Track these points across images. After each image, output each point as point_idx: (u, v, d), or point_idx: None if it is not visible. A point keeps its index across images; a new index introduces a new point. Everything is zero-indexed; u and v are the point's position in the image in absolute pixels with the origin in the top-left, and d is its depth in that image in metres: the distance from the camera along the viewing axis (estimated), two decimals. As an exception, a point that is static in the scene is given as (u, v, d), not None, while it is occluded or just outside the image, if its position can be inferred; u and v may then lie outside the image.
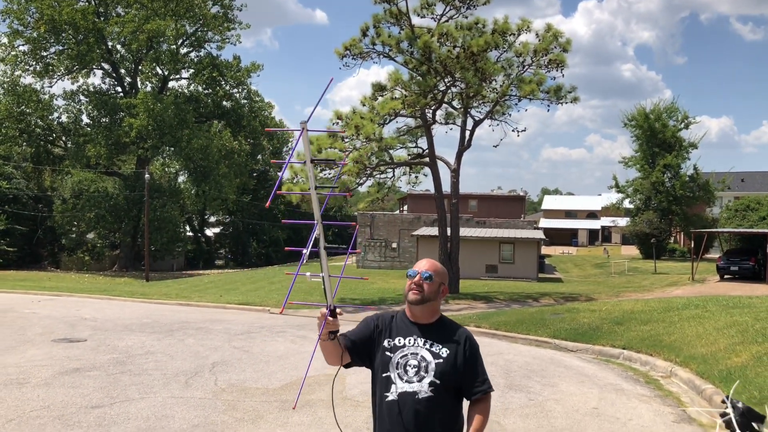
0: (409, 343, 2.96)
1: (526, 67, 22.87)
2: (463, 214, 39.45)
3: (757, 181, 60.77)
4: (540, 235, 38.08)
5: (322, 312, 2.83)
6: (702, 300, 16.62)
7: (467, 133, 24.06)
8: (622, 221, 56.50)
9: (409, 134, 24.41)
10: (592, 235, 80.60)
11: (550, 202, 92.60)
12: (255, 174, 64.57)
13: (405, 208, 61.04)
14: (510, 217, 50.99)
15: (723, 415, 2.42)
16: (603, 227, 78.84)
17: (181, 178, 57.96)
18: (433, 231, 34.88)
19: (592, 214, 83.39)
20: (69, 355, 10.65)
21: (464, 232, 32.71)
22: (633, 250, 54.20)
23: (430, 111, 23.58)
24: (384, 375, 2.93)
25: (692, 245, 36.56)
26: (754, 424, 2.36)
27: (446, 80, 22.59)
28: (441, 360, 2.92)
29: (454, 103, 24.29)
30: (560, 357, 11.93)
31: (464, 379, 2.95)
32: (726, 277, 29.63)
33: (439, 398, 2.86)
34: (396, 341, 2.99)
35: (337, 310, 2.80)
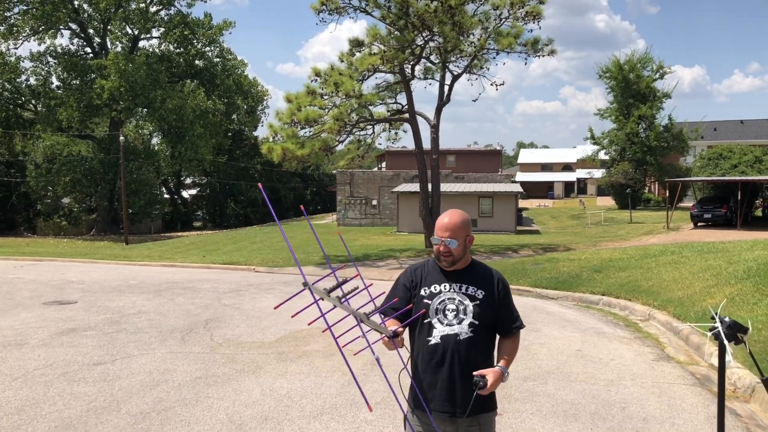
0: (445, 289, 3.14)
1: (503, 19, 22.86)
2: (442, 169, 39.66)
3: (729, 130, 61.59)
4: (518, 188, 38.49)
5: (384, 340, 2.96)
6: (677, 246, 17.13)
7: (446, 88, 24.12)
8: (598, 173, 57.18)
9: (388, 90, 24.38)
10: (568, 187, 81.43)
11: (526, 156, 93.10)
12: (230, 134, 63.96)
13: (383, 165, 61.11)
14: (487, 172, 51.41)
15: (712, 329, 2.68)
16: (579, 179, 79.64)
17: (155, 140, 57.31)
18: (413, 187, 35.11)
19: (567, 167, 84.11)
20: (62, 316, 10.78)
21: (444, 187, 32.96)
22: (608, 201, 55.03)
23: (409, 66, 23.54)
24: (425, 321, 3.11)
25: (667, 194, 37.28)
26: (738, 335, 2.64)
27: (424, 35, 22.50)
28: (477, 302, 3.11)
29: (433, 57, 24.26)
30: (542, 304, 12.32)
31: (500, 317, 3.17)
32: (700, 224, 30.35)
33: (477, 337, 3.07)
34: (432, 289, 3.16)
35: (398, 329, 2.95)
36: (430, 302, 3.13)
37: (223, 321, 10.36)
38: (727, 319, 2.63)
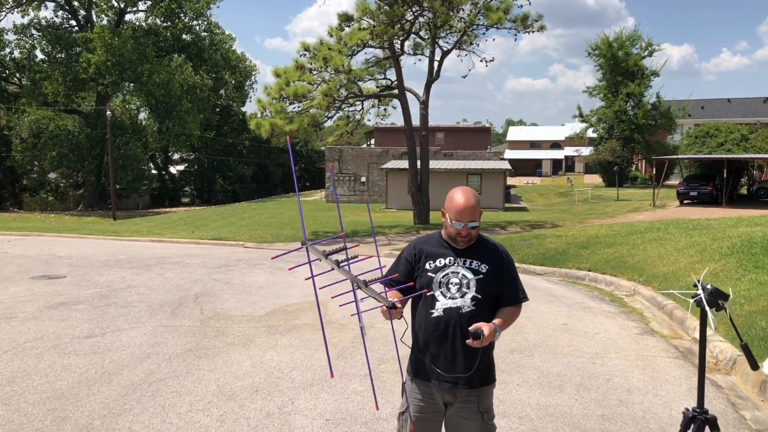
0: (450, 263, 3.18)
1: (493, -6, 22.74)
2: (431, 146, 39.66)
3: (717, 108, 61.85)
4: (506, 165, 38.58)
5: (383, 310, 2.94)
6: (663, 223, 17.30)
7: (435, 63, 24.05)
8: (586, 150, 57.36)
9: (378, 66, 24.26)
10: (556, 165, 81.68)
11: (514, 133, 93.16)
12: (218, 109, 63.50)
13: (372, 141, 60.96)
14: (476, 149, 51.41)
15: (694, 296, 2.76)
16: (566, 157, 79.91)
17: (142, 115, 56.81)
18: (402, 164, 35.11)
19: (555, 145, 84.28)
20: (51, 290, 10.78)
21: (432, 164, 32.99)
22: (596, 179, 55.30)
23: (398, 41, 23.41)
24: (428, 294, 3.15)
25: (654, 172, 37.50)
26: (719, 302, 2.71)
27: (414, 9, 22.36)
28: (481, 276, 3.15)
29: (422, 33, 24.13)
30: (529, 280, 12.43)
31: (504, 290, 3.20)
32: (686, 202, 30.62)
33: (479, 311, 3.11)
34: (437, 263, 3.19)
35: (397, 304, 2.89)
36: (434, 276, 3.16)
37: (212, 295, 10.41)
38: (708, 286, 2.71)
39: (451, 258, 3.19)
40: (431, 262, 3.21)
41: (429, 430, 3.20)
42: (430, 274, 3.17)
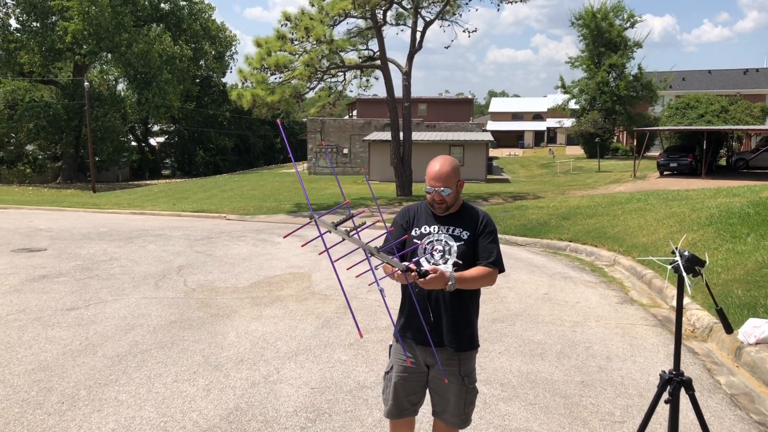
0: (434, 230, 3.26)
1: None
2: (414, 118, 39.53)
3: (697, 80, 62.15)
4: (488, 137, 38.60)
5: (398, 274, 2.98)
6: (643, 194, 17.49)
7: (418, 34, 23.88)
8: (568, 122, 57.50)
9: (360, 36, 24.05)
10: (538, 136, 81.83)
11: (497, 105, 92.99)
12: (198, 80, 62.63)
13: (354, 113, 60.62)
14: (458, 120, 51.32)
15: (671, 262, 2.82)
16: (549, 128, 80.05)
17: (121, 86, 55.88)
18: (385, 135, 35.01)
19: (537, 116, 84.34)
20: (32, 263, 10.71)
21: (415, 136, 32.93)
22: (577, 150, 55.54)
23: (381, 11, 23.20)
24: (414, 260, 3.20)
25: (635, 144, 37.73)
26: (696, 268, 2.78)
27: (396, -21, 22.14)
28: (462, 242, 3.22)
29: (404, 2, 23.94)
30: (510, 250, 12.56)
31: (476, 252, 3.25)
32: (666, 173, 30.89)
33: None
34: (422, 230, 3.29)
35: (411, 267, 2.91)
36: (419, 242, 3.25)
37: (195, 267, 10.40)
38: (686, 252, 2.77)
39: (435, 226, 3.27)
40: (417, 229, 3.31)
41: (411, 389, 3.32)
42: (415, 240, 3.27)
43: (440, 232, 3.25)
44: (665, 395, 3.04)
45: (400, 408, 3.35)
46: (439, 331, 3.21)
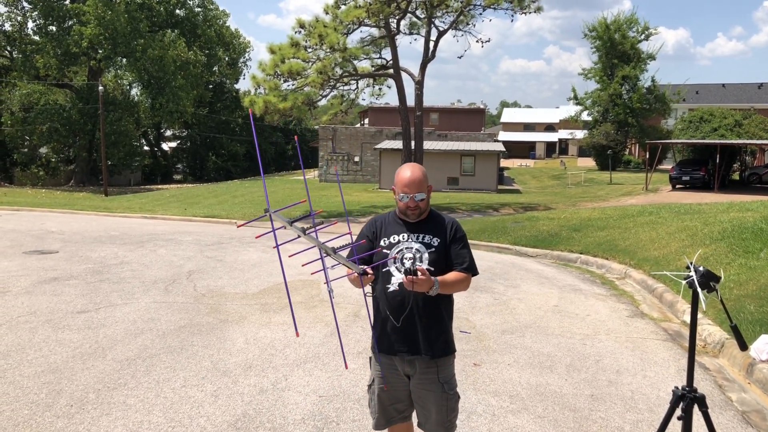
0: (403, 239, 3.27)
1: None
2: (425, 127, 39.55)
3: (711, 93, 61.89)
4: (500, 147, 38.56)
5: (354, 277, 3.08)
6: (655, 207, 17.39)
7: (431, 44, 23.92)
8: (580, 134, 57.35)
9: (373, 45, 24.13)
10: (550, 147, 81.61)
11: (509, 115, 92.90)
12: (211, 86, 62.98)
13: (366, 121, 60.72)
14: (470, 130, 51.30)
15: (686, 277, 2.81)
16: (560, 140, 79.83)
17: (134, 91, 56.28)
18: (396, 144, 35.05)
19: (549, 127, 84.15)
20: (43, 265, 10.77)
21: (427, 144, 32.95)
22: (589, 162, 55.36)
23: (395, 20, 23.26)
24: (384, 270, 3.24)
25: (647, 156, 37.57)
26: (711, 283, 2.77)
27: (410, -12, 22.21)
28: (432, 249, 3.23)
29: (419, 12, 23.98)
30: (521, 261, 12.52)
31: (449, 259, 3.26)
32: (678, 186, 30.73)
33: None
34: (391, 239, 3.29)
35: (368, 270, 3.03)
36: (389, 252, 3.25)
37: (205, 272, 10.43)
38: (701, 268, 2.75)
39: (405, 234, 3.28)
40: (386, 238, 3.31)
41: (395, 398, 3.33)
42: (385, 250, 3.26)
43: (410, 240, 3.26)
44: (678, 411, 3.01)
45: (388, 417, 3.37)
46: (414, 339, 3.21)
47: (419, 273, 2.95)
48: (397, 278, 3.19)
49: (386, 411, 3.35)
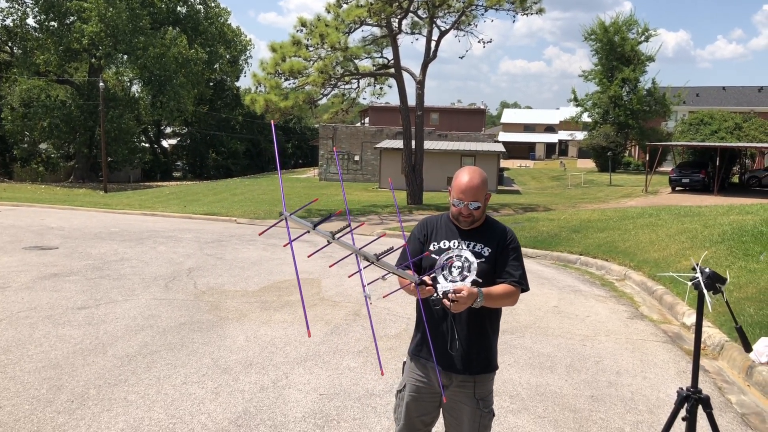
0: (454, 245, 3.09)
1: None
2: (426, 127, 39.55)
3: (711, 96, 61.93)
4: (500, 148, 38.56)
5: (411, 288, 2.87)
6: (655, 209, 17.42)
7: (433, 43, 23.91)
8: (580, 135, 57.35)
9: (375, 44, 24.11)
10: (550, 148, 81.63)
11: (509, 116, 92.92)
12: (212, 84, 62.95)
13: (366, 120, 60.71)
14: (470, 131, 51.33)
15: (692, 279, 2.81)
16: (560, 141, 79.87)
17: (134, 88, 56.25)
18: (396, 144, 35.05)
19: (549, 128, 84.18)
20: (44, 261, 10.77)
21: (427, 144, 32.93)
22: (589, 164, 55.35)
23: (396, 20, 23.24)
24: (431, 276, 3.00)
25: (647, 158, 37.58)
26: (717, 285, 2.77)
27: (412, -12, 22.20)
28: (483, 259, 3.05)
29: (420, 12, 23.95)
30: (521, 262, 12.50)
31: (498, 269, 3.08)
32: (678, 188, 30.75)
33: None
34: (441, 244, 3.12)
35: (426, 281, 2.81)
36: (437, 257, 3.09)
37: (205, 270, 10.43)
38: (707, 269, 2.76)
39: (456, 240, 3.11)
40: (436, 243, 3.14)
41: (424, 409, 3.17)
42: (434, 255, 3.11)
43: (461, 247, 3.08)
44: (682, 412, 3.02)
45: (412, 428, 3.20)
46: (452, 349, 3.04)
47: (454, 294, 2.76)
48: (442, 286, 2.98)
49: (411, 421, 3.18)
